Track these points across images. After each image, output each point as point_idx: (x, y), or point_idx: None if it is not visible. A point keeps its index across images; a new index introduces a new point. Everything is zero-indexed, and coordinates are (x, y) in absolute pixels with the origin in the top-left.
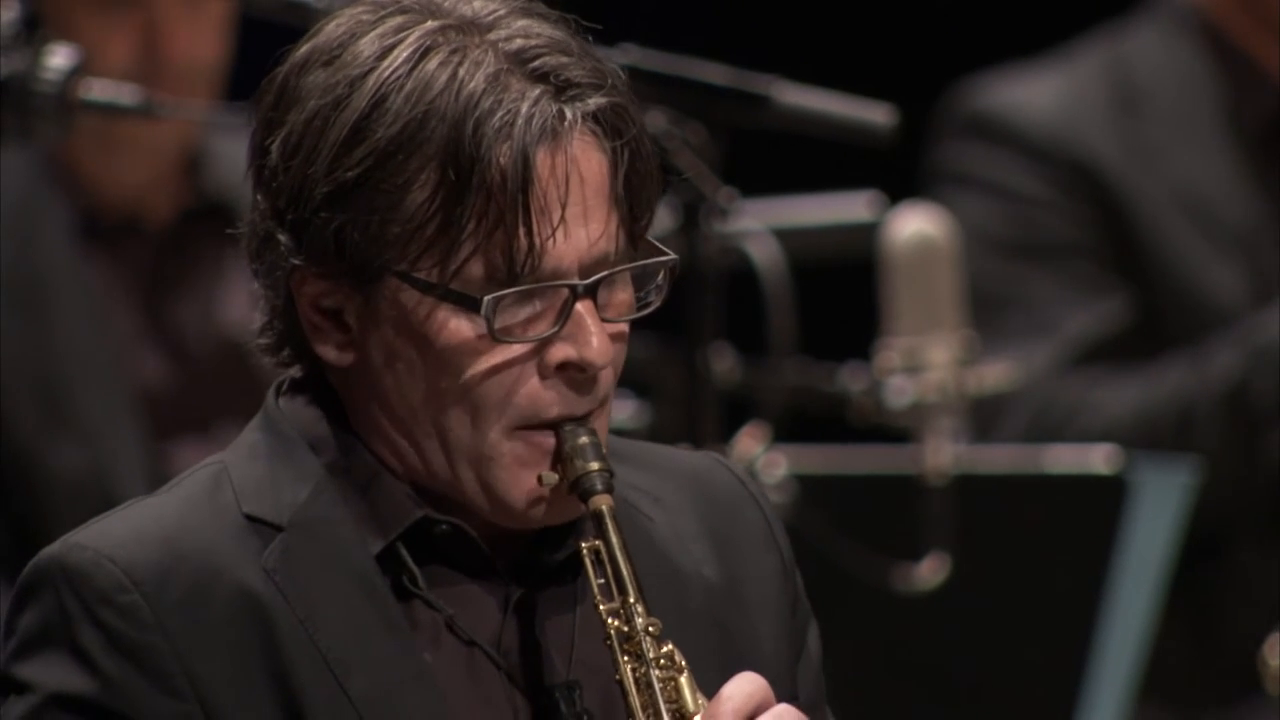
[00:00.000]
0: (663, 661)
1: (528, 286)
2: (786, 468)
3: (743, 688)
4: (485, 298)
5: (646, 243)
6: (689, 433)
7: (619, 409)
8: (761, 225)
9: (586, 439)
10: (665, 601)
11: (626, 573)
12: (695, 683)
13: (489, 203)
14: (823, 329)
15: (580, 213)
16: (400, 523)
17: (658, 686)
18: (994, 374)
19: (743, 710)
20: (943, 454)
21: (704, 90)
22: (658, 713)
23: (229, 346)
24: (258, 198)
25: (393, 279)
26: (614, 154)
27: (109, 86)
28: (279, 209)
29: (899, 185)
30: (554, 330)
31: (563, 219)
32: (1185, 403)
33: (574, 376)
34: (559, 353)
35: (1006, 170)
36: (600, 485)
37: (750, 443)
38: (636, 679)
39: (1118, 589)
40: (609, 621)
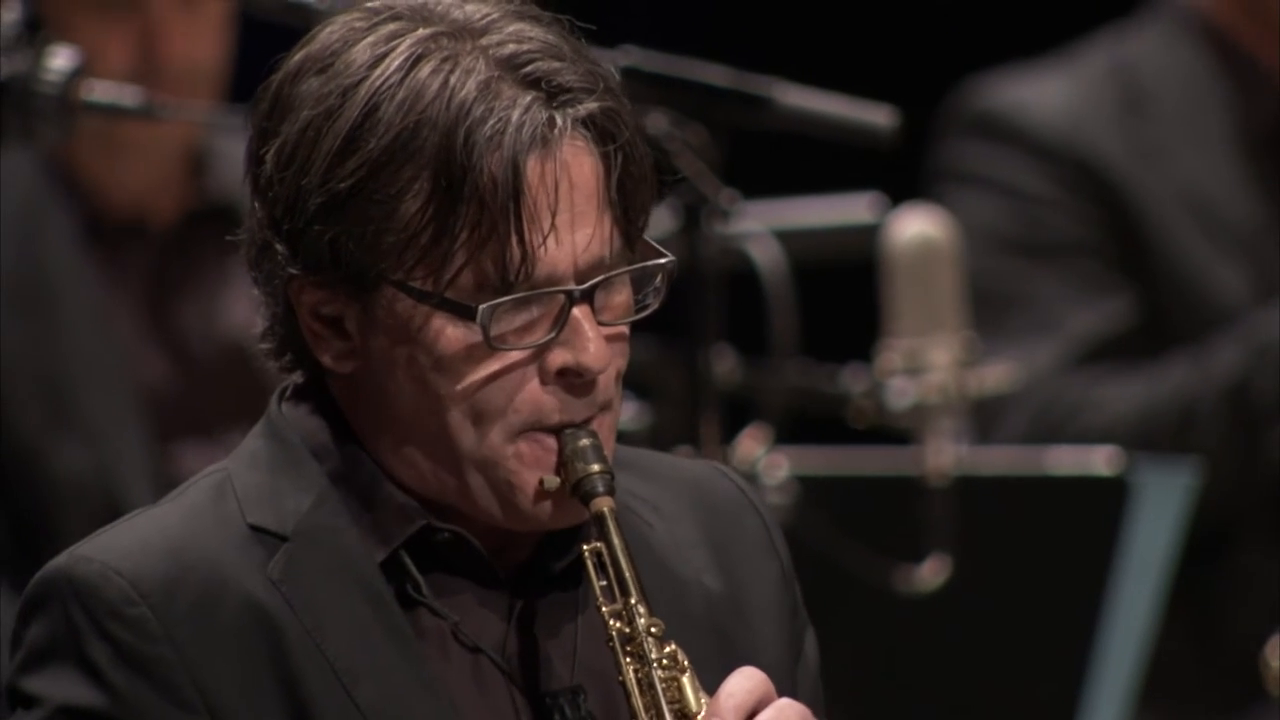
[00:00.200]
0: (665, 662)
1: (523, 294)
2: (788, 469)
3: (743, 684)
4: (480, 306)
5: (644, 244)
6: (690, 435)
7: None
8: (762, 227)
9: (587, 441)
10: (666, 609)
11: (628, 574)
12: (698, 682)
13: (481, 211)
14: (824, 330)
15: (572, 218)
16: (403, 531)
17: (660, 687)
18: (995, 375)
19: (745, 706)
20: (944, 455)
21: (705, 92)
22: (660, 713)
23: (232, 349)
24: (255, 206)
25: (389, 288)
26: (606, 158)
27: (110, 88)
28: (275, 218)
29: (900, 187)
30: (551, 336)
31: (553, 225)
32: (1187, 400)
33: (573, 382)
34: (557, 358)
35: (1012, 169)
36: (601, 487)
37: (751, 444)
38: (639, 679)
39: (1119, 590)
40: (611, 623)
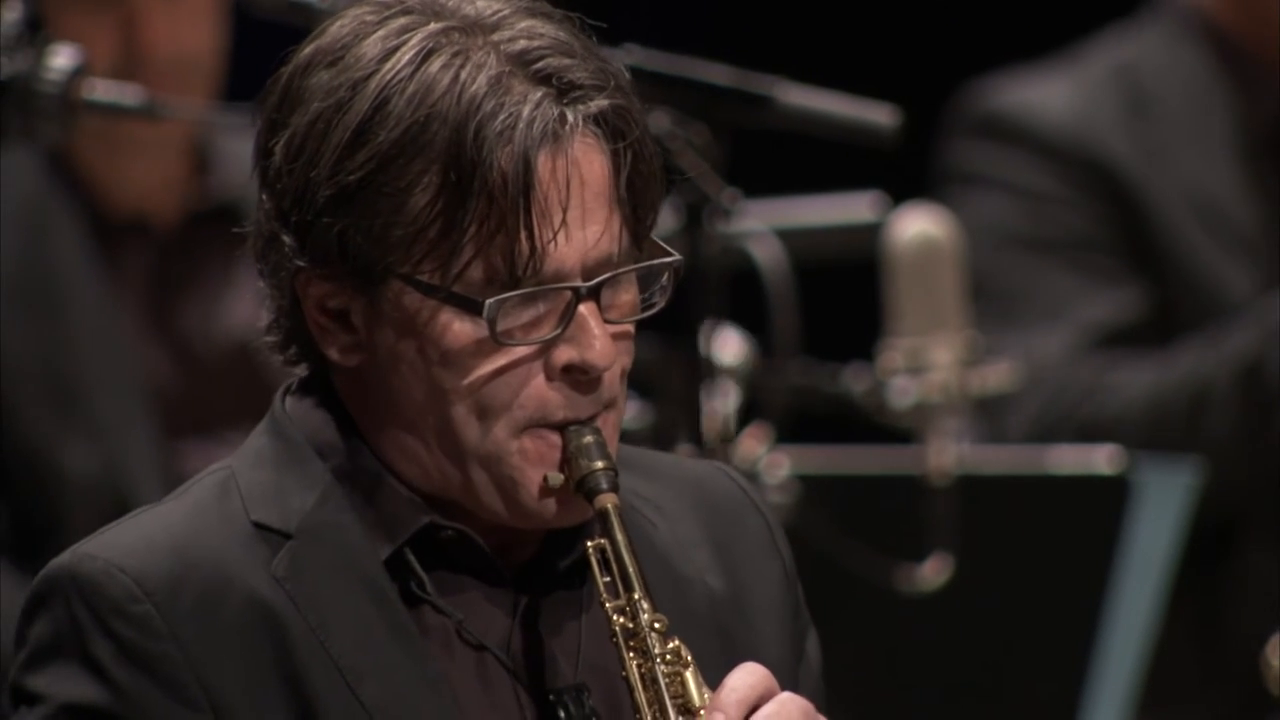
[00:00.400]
0: (668, 657)
1: (530, 289)
2: (789, 468)
3: (746, 679)
4: (487, 301)
5: (651, 243)
6: (691, 433)
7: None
8: (764, 226)
9: (590, 438)
10: (668, 608)
11: (632, 570)
12: (701, 678)
13: (490, 206)
14: (826, 329)
15: (581, 215)
16: (406, 529)
17: (663, 682)
18: (997, 374)
19: (747, 700)
20: (946, 454)
21: (707, 91)
22: (663, 707)
23: (234, 348)
24: (263, 198)
25: (396, 281)
26: (616, 156)
27: (112, 87)
28: (283, 211)
29: (901, 186)
30: (557, 333)
31: (564, 222)
32: (1199, 383)
33: (578, 379)
34: (563, 355)
35: (1021, 168)
36: (605, 484)
37: (753, 443)
38: (642, 674)
39: (1120, 589)
40: (614, 618)
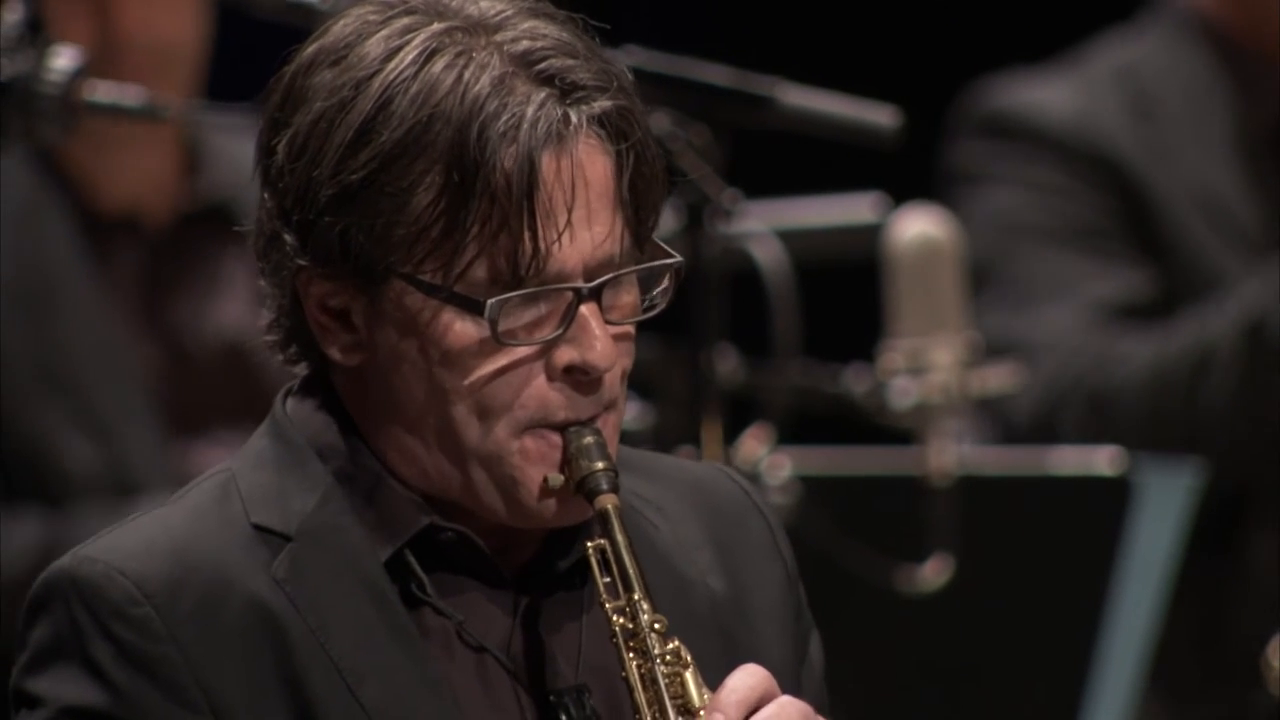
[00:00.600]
0: (668, 657)
1: (532, 290)
2: (790, 469)
3: (746, 680)
4: (489, 301)
5: (653, 244)
6: (692, 435)
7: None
8: (765, 227)
9: (591, 439)
10: (670, 609)
11: (632, 570)
12: (700, 678)
13: (493, 206)
14: (826, 330)
15: (585, 216)
16: (406, 530)
17: (663, 682)
18: (997, 375)
19: (747, 702)
20: (946, 455)
21: (708, 91)
22: (663, 708)
23: (225, 346)
24: (264, 196)
25: (398, 281)
26: (619, 157)
27: (113, 88)
28: (285, 209)
29: (902, 186)
30: (558, 333)
31: (569, 223)
32: (1203, 343)
33: (579, 379)
34: (564, 356)
35: (1027, 163)
36: (605, 485)
37: (754, 444)
38: (642, 675)
39: (1121, 590)
40: (614, 619)
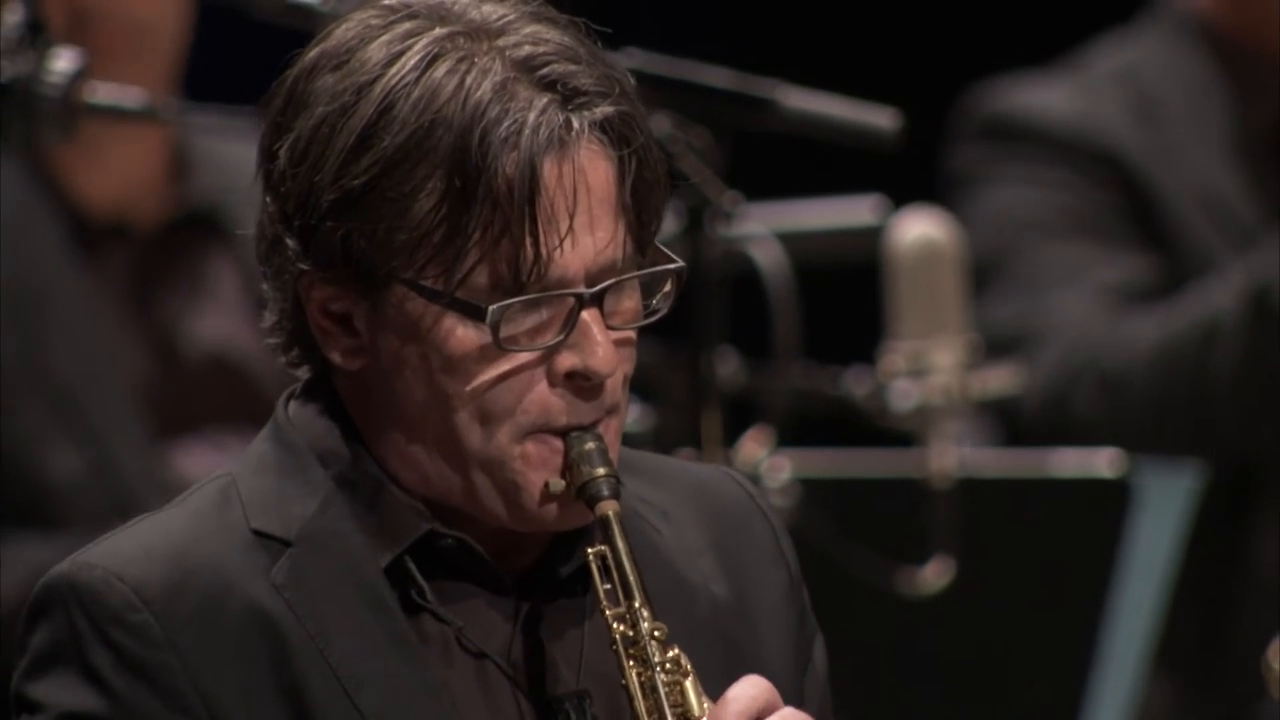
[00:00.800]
0: (668, 666)
1: (533, 296)
2: (791, 471)
3: (747, 690)
4: (490, 307)
5: (655, 249)
6: (693, 437)
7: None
8: (765, 229)
9: (592, 445)
10: (672, 615)
11: (633, 578)
12: (701, 687)
13: (495, 212)
14: (827, 333)
15: (586, 222)
16: (407, 536)
17: (663, 691)
18: (998, 377)
19: (747, 713)
20: (947, 457)
21: (708, 94)
22: (663, 716)
23: (213, 351)
24: (266, 200)
25: (400, 286)
26: (621, 163)
27: (113, 90)
28: (287, 214)
29: (903, 189)
30: (560, 339)
31: (570, 229)
32: (1211, 312)
33: (581, 385)
34: (566, 361)
35: (1030, 162)
36: (606, 491)
37: (754, 447)
38: (642, 683)
39: (1122, 593)
40: (614, 626)
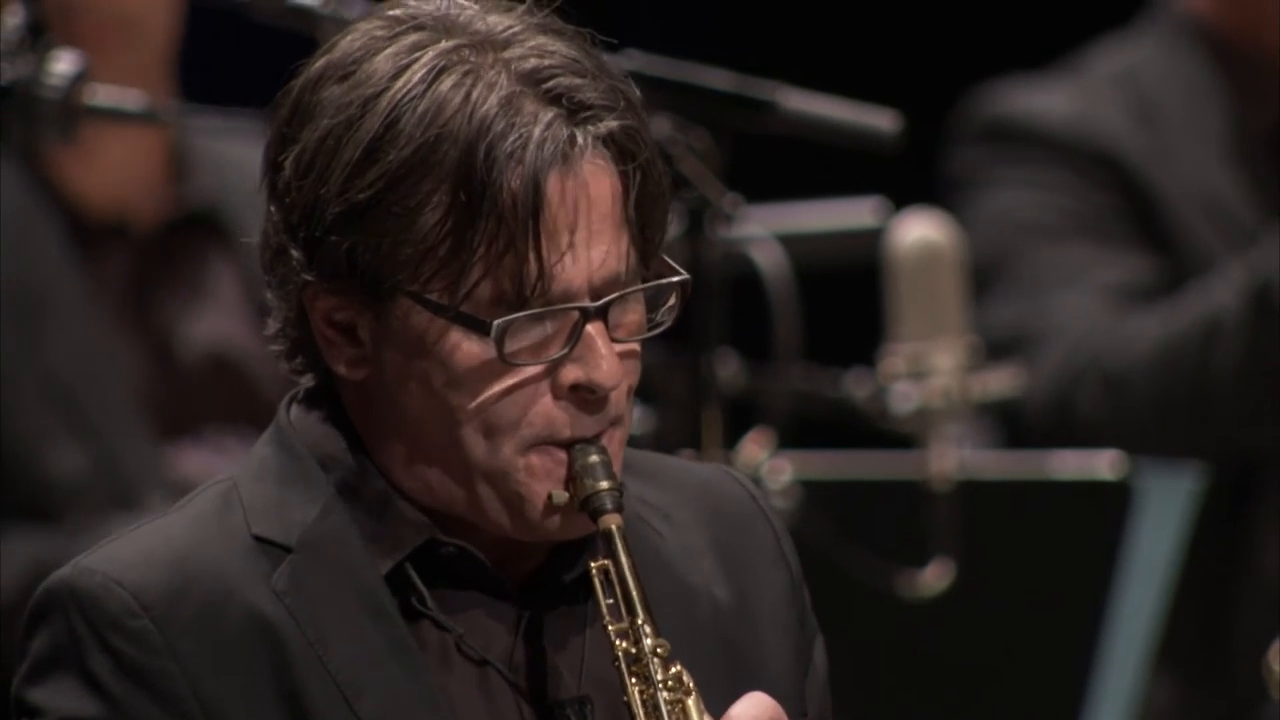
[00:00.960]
0: (670, 683)
1: (538, 310)
2: (791, 473)
3: (749, 710)
4: (494, 322)
5: (660, 261)
6: (693, 439)
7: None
8: (766, 231)
9: (596, 458)
10: (674, 618)
11: (635, 593)
12: (703, 705)
13: (500, 226)
14: (827, 335)
15: (589, 236)
16: (407, 544)
17: (665, 709)
18: (999, 379)
19: None
20: (947, 459)
21: (708, 96)
22: None
23: (211, 352)
24: (271, 210)
25: (404, 299)
26: (625, 177)
27: (113, 92)
28: (291, 225)
29: (903, 191)
30: (564, 352)
31: (571, 243)
32: (1213, 308)
33: (585, 398)
34: (570, 375)
35: (1031, 165)
36: (610, 504)
37: (755, 448)
38: (644, 701)
39: (1123, 595)
40: (617, 643)
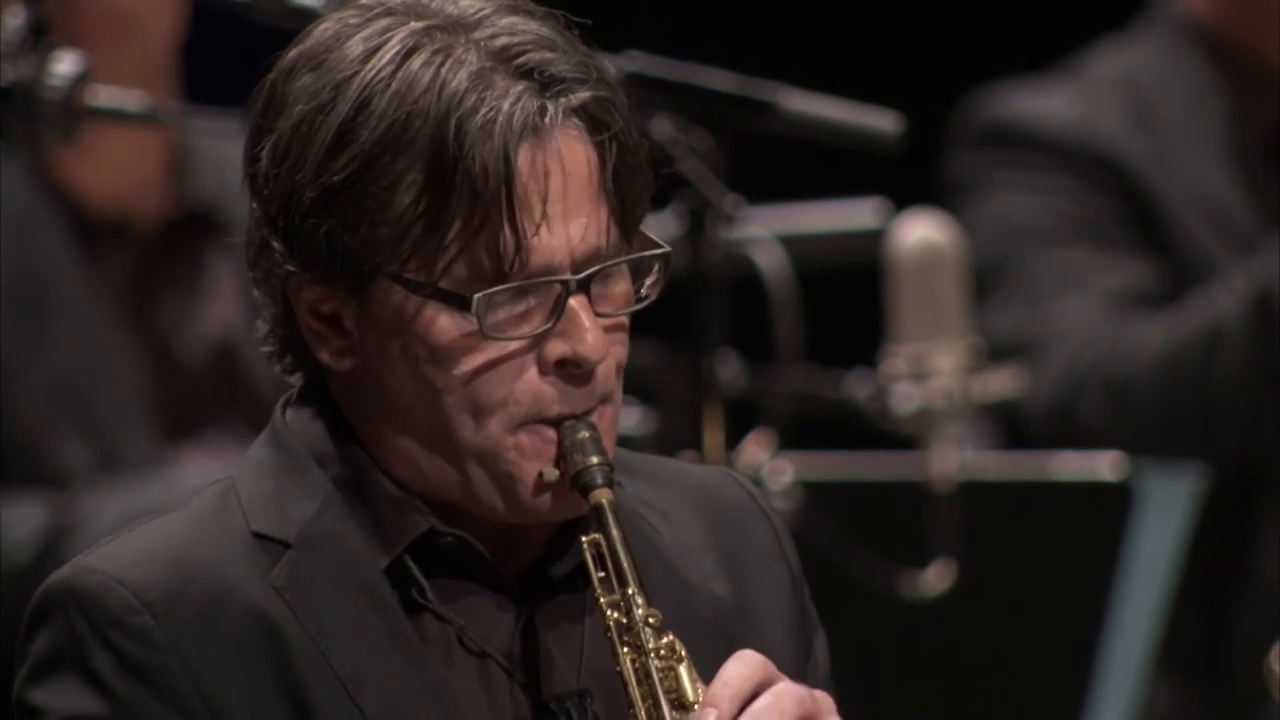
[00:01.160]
0: (662, 652)
1: (518, 283)
2: (792, 474)
3: (740, 670)
4: (475, 295)
5: (642, 236)
6: (695, 440)
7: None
8: (767, 232)
9: (586, 434)
10: (673, 614)
11: (626, 564)
12: (695, 672)
13: (474, 201)
14: (828, 336)
15: (566, 209)
16: (406, 535)
17: (657, 677)
18: (1000, 380)
19: (741, 694)
20: (948, 460)
21: (710, 97)
22: (657, 702)
23: (212, 350)
24: (253, 205)
25: (384, 281)
26: (600, 148)
27: (115, 93)
28: (271, 216)
29: (904, 192)
30: (548, 326)
31: (544, 214)
32: (1215, 316)
33: (572, 372)
34: (555, 349)
35: (1031, 169)
36: (600, 479)
37: (756, 450)
38: (636, 669)
39: (1124, 595)
40: (608, 613)
